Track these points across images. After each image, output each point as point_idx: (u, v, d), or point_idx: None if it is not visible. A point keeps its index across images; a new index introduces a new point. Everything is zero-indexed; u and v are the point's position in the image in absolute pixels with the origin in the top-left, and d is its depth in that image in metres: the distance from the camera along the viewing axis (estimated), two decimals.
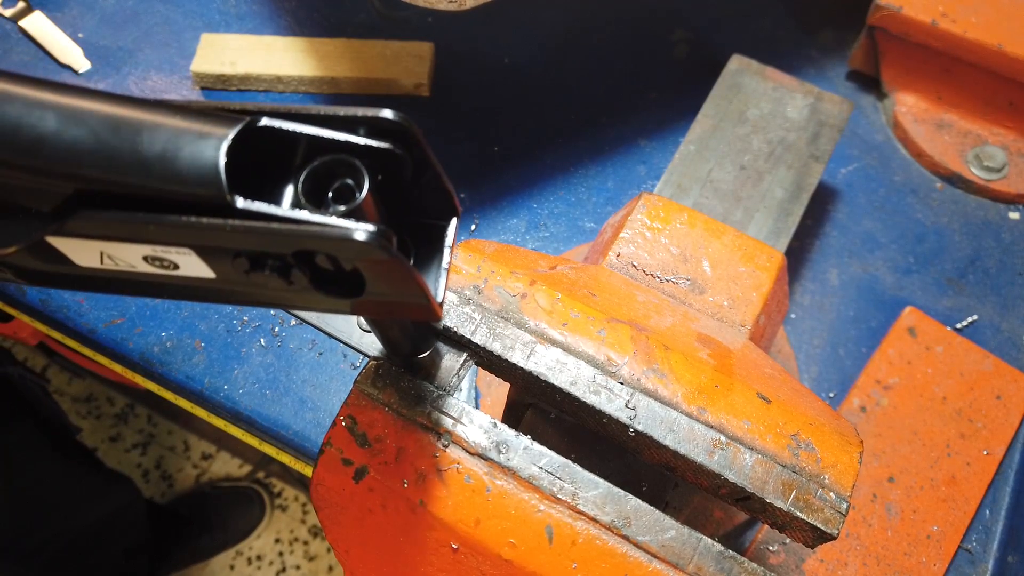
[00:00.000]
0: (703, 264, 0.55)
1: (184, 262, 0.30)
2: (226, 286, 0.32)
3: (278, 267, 0.30)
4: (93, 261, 0.31)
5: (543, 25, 0.89)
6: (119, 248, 0.30)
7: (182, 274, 0.31)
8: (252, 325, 0.70)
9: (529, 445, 0.43)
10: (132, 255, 0.30)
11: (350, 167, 0.29)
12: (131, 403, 1.78)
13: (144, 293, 0.34)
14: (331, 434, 0.43)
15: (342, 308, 0.33)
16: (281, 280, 0.30)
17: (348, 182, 0.29)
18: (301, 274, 0.30)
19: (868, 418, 0.67)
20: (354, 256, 0.29)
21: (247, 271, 0.30)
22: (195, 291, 0.33)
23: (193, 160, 0.27)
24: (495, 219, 0.77)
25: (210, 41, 0.82)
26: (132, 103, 0.28)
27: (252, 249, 0.29)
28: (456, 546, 0.42)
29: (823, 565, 0.62)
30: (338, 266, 0.29)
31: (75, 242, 0.30)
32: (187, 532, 1.57)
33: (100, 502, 1.25)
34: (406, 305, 0.33)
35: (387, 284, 0.30)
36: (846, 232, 0.78)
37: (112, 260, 0.31)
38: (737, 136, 0.69)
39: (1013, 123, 0.80)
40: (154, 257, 0.30)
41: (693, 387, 0.45)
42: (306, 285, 0.30)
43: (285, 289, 0.31)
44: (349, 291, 0.31)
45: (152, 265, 0.31)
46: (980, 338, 0.72)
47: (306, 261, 0.29)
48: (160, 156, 0.27)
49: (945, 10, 0.76)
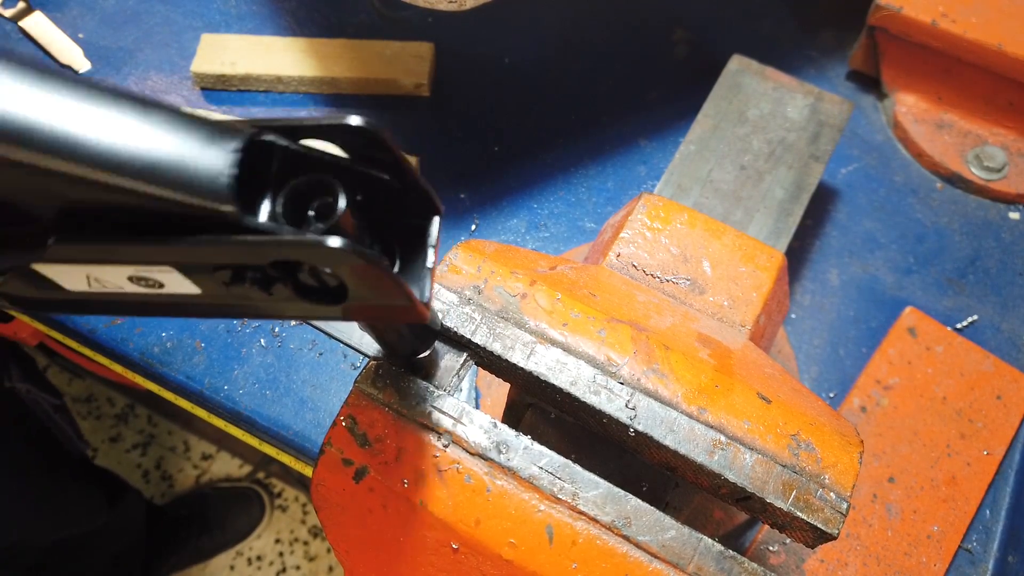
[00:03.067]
0: (703, 264, 0.55)
1: (168, 280, 0.30)
2: (213, 301, 0.32)
3: (258, 279, 0.30)
4: (81, 285, 0.31)
5: (543, 25, 0.89)
6: (103, 271, 0.30)
7: (169, 291, 0.31)
8: (252, 325, 0.70)
9: (529, 445, 0.43)
10: (117, 276, 0.31)
11: (328, 185, 0.29)
12: (131, 403, 1.78)
13: (136, 313, 0.34)
14: (331, 434, 0.43)
15: (333, 314, 0.33)
16: (262, 292, 0.30)
17: (328, 200, 0.29)
18: (282, 285, 0.30)
19: (868, 418, 0.67)
20: (330, 263, 0.29)
21: (227, 284, 0.30)
22: (184, 308, 0.33)
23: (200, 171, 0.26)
24: (495, 219, 0.77)
25: (210, 41, 0.82)
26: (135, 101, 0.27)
27: (228, 263, 0.29)
28: (456, 546, 0.42)
29: (823, 565, 0.62)
30: (318, 274, 0.30)
31: (60, 268, 0.30)
32: (187, 532, 1.57)
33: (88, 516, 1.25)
34: (391, 308, 0.33)
35: (368, 289, 0.31)
36: (846, 232, 0.78)
37: (99, 283, 0.31)
38: (737, 136, 0.69)
39: (1013, 123, 0.80)
40: (138, 277, 0.30)
41: (693, 387, 0.45)
42: (289, 295, 0.30)
43: (269, 300, 0.31)
44: (334, 298, 0.31)
45: (138, 285, 0.31)
46: (980, 338, 0.72)
47: (286, 271, 0.29)
48: (164, 163, 0.26)
49: (945, 10, 0.76)
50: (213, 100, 0.83)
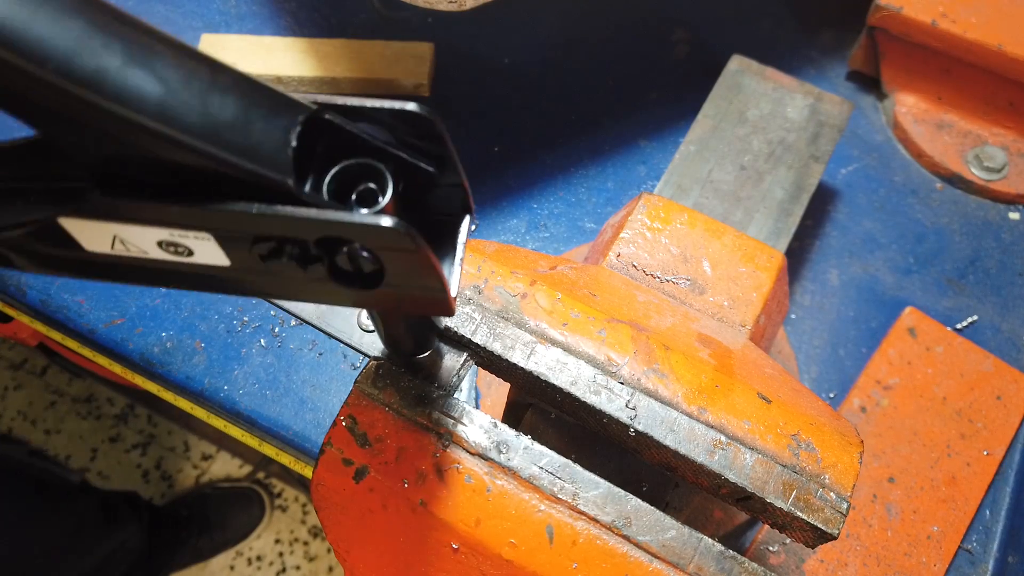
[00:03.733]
0: (703, 264, 0.55)
1: (200, 248, 0.30)
2: (238, 275, 0.31)
3: (297, 255, 0.29)
4: (103, 246, 0.30)
5: (543, 25, 0.89)
6: (134, 232, 0.29)
7: (195, 261, 0.30)
8: (252, 325, 0.70)
9: (529, 445, 0.43)
10: (146, 240, 0.29)
11: (375, 171, 0.29)
12: (131, 403, 1.78)
13: (150, 282, 0.33)
14: (331, 434, 0.43)
15: (355, 300, 0.33)
16: (299, 269, 0.30)
17: (371, 186, 0.29)
18: (319, 264, 0.30)
19: (868, 418, 0.67)
20: (382, 244, 0.28)
21: (264, 257, 0.29)
22: (205, 280, 0.32)
23: (265, 137, 0.26)
24: (495, 219, 0.77)
25: (210, 41, 0.82)
26: (203, 59, 0.26)
27: (275, 234, 0.29)
28: (456, 546, 0.42)
29: (823, 565, 0.62)
30: (355, 257, 0.29)
31: (89, 224, 0.29)
32: (187, 532, 1.57)
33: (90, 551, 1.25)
34: (422, 299, 0.33)
35: (408, 276, 0.30)
36: (846, 232, 0.78)
37: (124, 245, 0.30)
38: (737, 136, 0.69)
39: (1013, 123, 0.80)
40: (169, 242, 0.29)
41: (694, 387, 0.45)
42: (322, 275, 0.30)
43: (300, 279, 0.30)
44: (366, 283, 0.31)
45: (166, 251, 0.30)
46: (980, 338, 0.72)
47: (328, 250, 0.29)
48: (230, 124, 0.26)
49: (945, 10, 0.76)
50: None
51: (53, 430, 1.75)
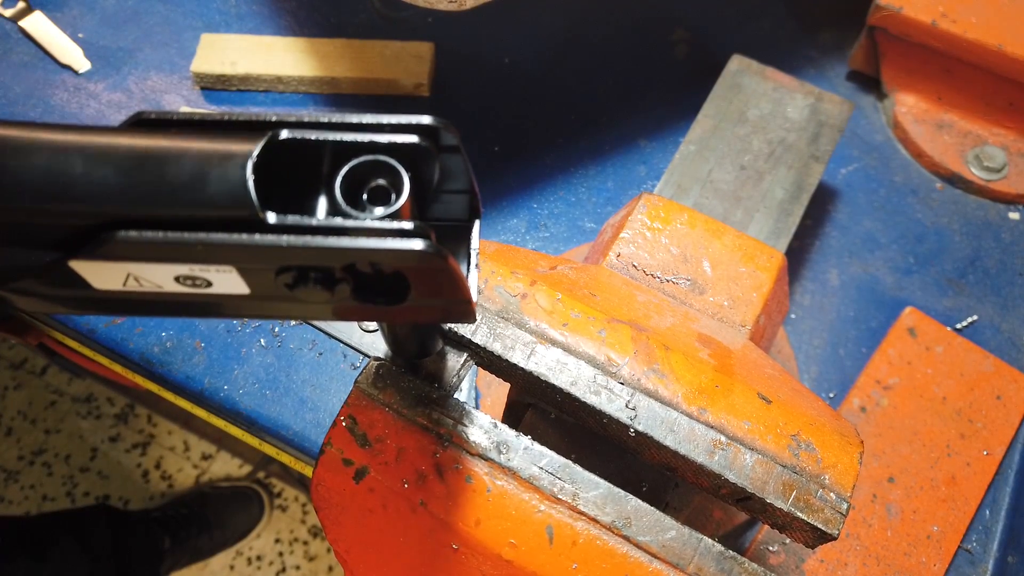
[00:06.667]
0: (703, 264, 0.55)
1: (219, 280, 0.29)
2: (258, 302, 0.31)
3: (321, 279, 0.29)
4: (115, 284, 0.30)
5: (543, 25, 0.89)
6: (149, 269, 0.29)
7: (213, 292, 0.30)
8: (252, 325, 0.70)
9: (529, 445, 0.43)
10: (163, 276, 0.29)
11: (386, 168, 0.29)
12: (131, 403, 1.78)
13: (160, 313, 0.32)
14: (331, 434, 0.43)
15: (378, 316, 0.32)
16: (325, 292, 0.29)
17: (382, 183, 0.29)
18: (345, 285, 0.29)
19: (868, 418, 0.67)
20: (409, 266, 0.28)
21: (289, 285, 0.29)
22: (222, 308, 0.32)
23: (221, 183, 0.26)
24: (495, 219, 0.77)
25: (210, 41, 0.82)
26: (154, 135, 0.27)
27: (301, 264, 0.28)
28: (456, 546, 0.42)
29: (823, 565, 0.62)
30: (382, 276, 0.29)
31: (100, 265, 0.28)
32: (187, 532, 1.57)
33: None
34: (445, 310, 0.32)
35: (434, 290, 0.30)
36: (846, 232, 0.78)
37: (137, 282, 0.30)
38: (737, 136, 0.69)
39: (1013, 123, 0.80)
40: (187, 276, 0.29)
41: (693, 387, 0.45)
42: (347, 296, 0.30)
43: (324, 301, 0.30)
44: (391, 299, 0.31)
45: (183, 285, 0.30)
46: (980, 338, 0.72)
47: (353, 271, 0.29)
48: (188, 184, 0.26)
49: (945, 10, 0.76)
50: (213, 100, 0.83)
51: (53, 430, 1.75)
